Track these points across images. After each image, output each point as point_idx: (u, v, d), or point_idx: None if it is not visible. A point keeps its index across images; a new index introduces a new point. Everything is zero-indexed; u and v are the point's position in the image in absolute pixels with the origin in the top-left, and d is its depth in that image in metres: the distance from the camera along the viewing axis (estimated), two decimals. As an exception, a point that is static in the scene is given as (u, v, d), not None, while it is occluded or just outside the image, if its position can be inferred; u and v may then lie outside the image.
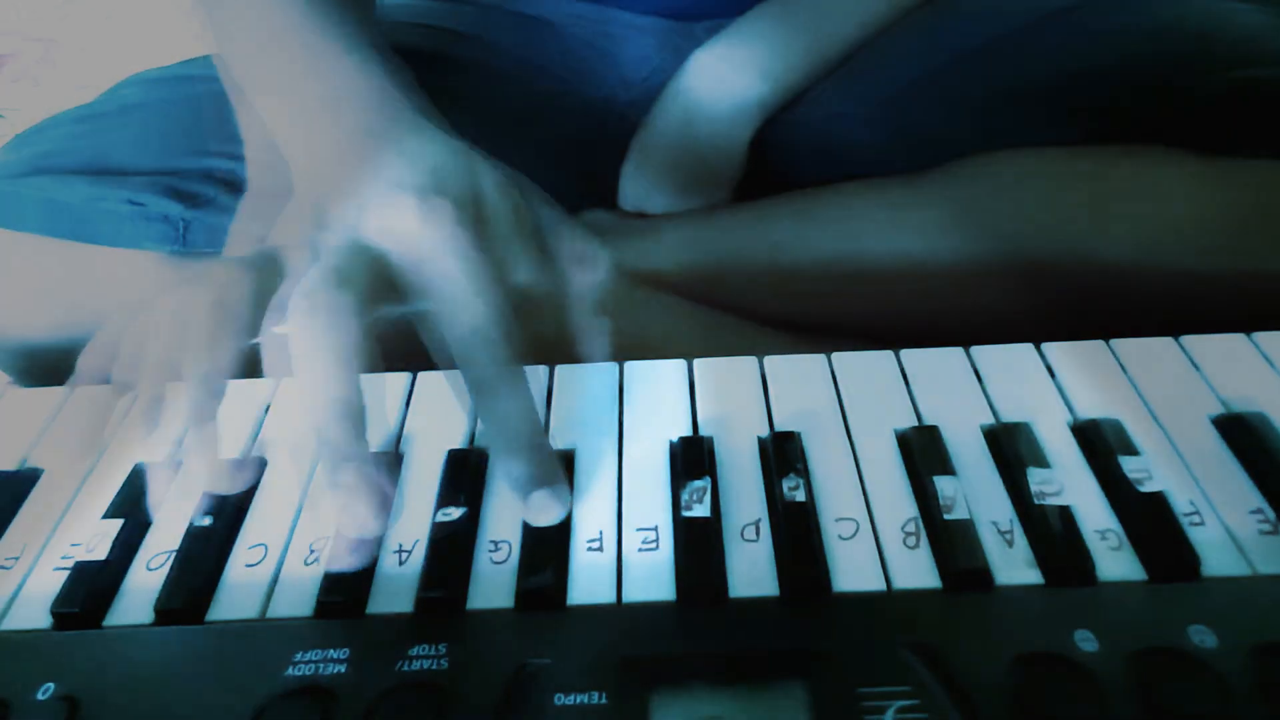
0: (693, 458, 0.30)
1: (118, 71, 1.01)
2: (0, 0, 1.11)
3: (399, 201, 0.30)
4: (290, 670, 0.23)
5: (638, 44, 0.62)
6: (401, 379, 0.34)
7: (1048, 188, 0.49)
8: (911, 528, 0.27)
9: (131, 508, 0.30)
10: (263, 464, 0.31)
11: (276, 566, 0.28)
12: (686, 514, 0.28)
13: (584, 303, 0.34)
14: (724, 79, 0.56)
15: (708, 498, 0.28)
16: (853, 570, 0.26)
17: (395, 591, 0.27)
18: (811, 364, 0.34)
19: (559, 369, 0.34)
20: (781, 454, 0.30)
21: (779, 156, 0.58)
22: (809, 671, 0.23)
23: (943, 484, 0.28)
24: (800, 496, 0.28)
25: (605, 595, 0.26)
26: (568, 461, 0.31)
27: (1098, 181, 0.48)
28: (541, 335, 0.33)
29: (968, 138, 0.52)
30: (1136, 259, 0.45)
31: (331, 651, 0.24)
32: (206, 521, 0.29)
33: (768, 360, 0.34)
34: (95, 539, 0.29)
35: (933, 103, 0.55)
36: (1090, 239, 0.46)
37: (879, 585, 0.26)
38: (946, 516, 0.27)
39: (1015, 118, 0.53)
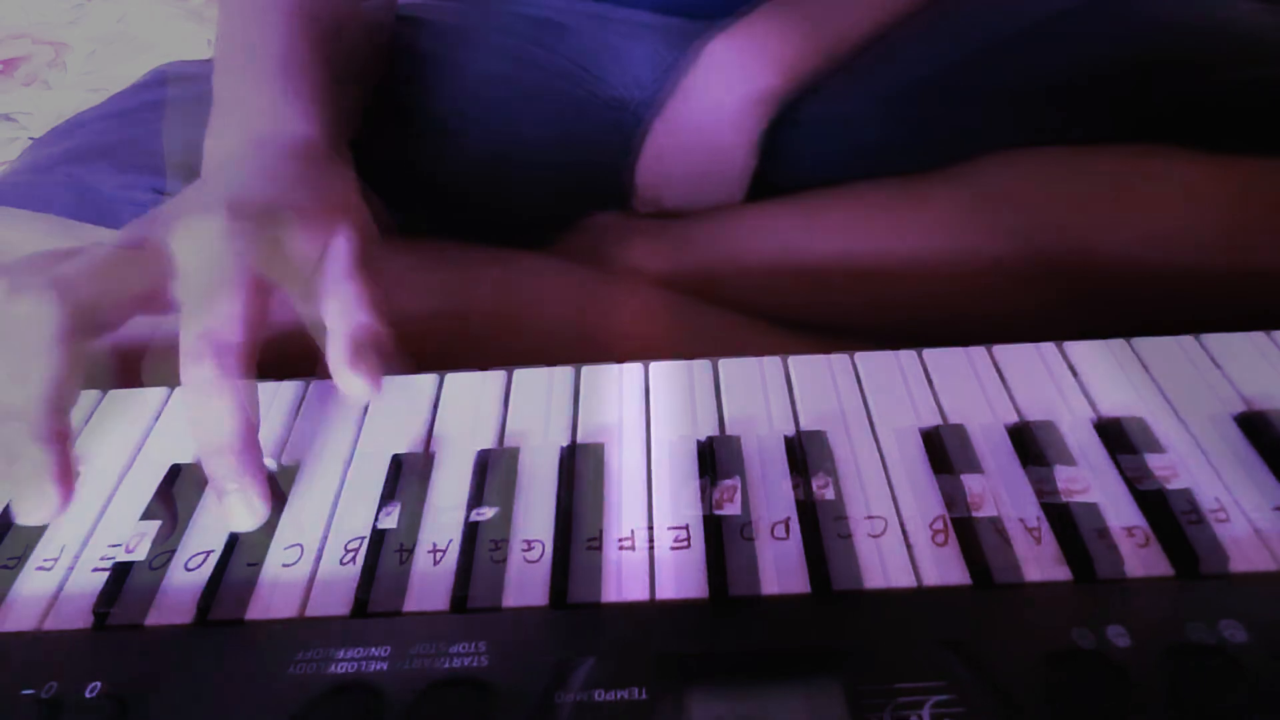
0: (722, 456, 0.30)
1: (128, 75, 1.01)
2: (10, 4, 1.11)
3: (212, 212, 0.31)
4: (333, 668, 0.24)
5: (648, 43, 0.62)
6: (430, 380, 0.35)
7: (1059, 187, 0.49)
8: (940, 525, 0.28)
9: (169, 508, 0.30)
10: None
11: (314, 566, 0.28)
12: (718, 512, 0.28)
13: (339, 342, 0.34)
14: (735, 72, 0.56)
15: (739, 496, 0.29)
16: (883, 567, 0.27)
17: (431, 590, 0.27)
18: (835, 364, 0.34)
19: (585, 370, 0.35)
20: (809, 452, 0.30)
21: (788, 155, 0.58)
22: (844, 668, 0.24)
23: (970, 482, 0.28)
24: (830, 494, 0.28)
25: (638, 592, 0.27)
26: (597, 457, 0.31)
27: (1109, 180, 0.48)
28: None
29: (977, 136, 0.53)
30: (1147, 257, 0.46)
31: (373, 649, 0.24)
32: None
33: (792, 360, 0.35)
34: (134, 539, 0.29)
35: (942, 100, 0.56)
36: (1102, 237, 0.47)
37: (909, 582, 0.26)
38: (975, 514, 0.27)
39: (1025, 116, 0.53)
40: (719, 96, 0.56)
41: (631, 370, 0.35)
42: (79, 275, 0.29)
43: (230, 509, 0.29)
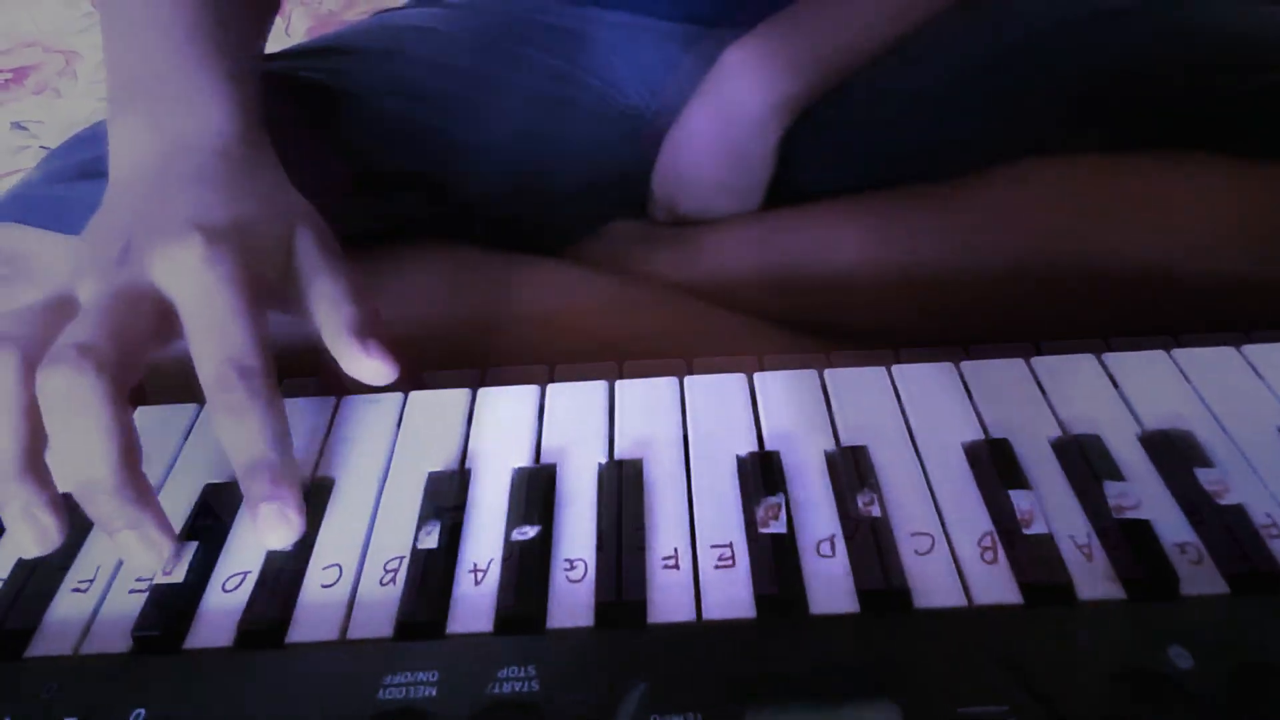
0: (765, 473, 0.30)
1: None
2: (20, 13, 1.11)
3: (188, 241, 0.30)
4: (382, 694, 0.24)
5: (665, 51, 0.62)
6: (462, 396, 0.34)
7: (1080, 195, 0.49)
8: (988, 542, 0.27)
9: (205, 529, 0.30)
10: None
11: (353, 587, 0.28)
12: (763, 530, 0.28)
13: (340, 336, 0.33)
14: (753, 79, 0.56)
15: (783, 514, 0.28)
16: (932, 586, 0.26)
17: (474, 611, 0.27)
18: (871, 376, 0.34)
19: (619, 384, 0.34)
20: (852, 468, 0.30)
21: (806, 161, 0.58)
22: (903, 689, 0.23)
23: (1018, 498, 0.28)
24: (876, 512, 0.28)
25: (685, 613, 0.26)
26: (636, 473, 0.31)
27: (1131, 188, 0.48)
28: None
29: (997, 142, 0.52)
30: (1172, 264, 0.45)
31: (420, 674, 0.24)
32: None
33: (829, 373, 0.34)
34: (171, 561, 0.29)
35: (962, 107, 0.55)
36: (1127, 245, 0.47)
37: (959, 600, 0.26)
38: (1025, 531, 0.27)
39: (1047, 123, 0.53)
40: (737, 104, 0.56)
41: (666, 384, 0.34)
42: (100, 336, 0.28)
43: (267, 526, 0.28)
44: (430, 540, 0.28)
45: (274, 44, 0.52)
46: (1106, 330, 0.38)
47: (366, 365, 0.31)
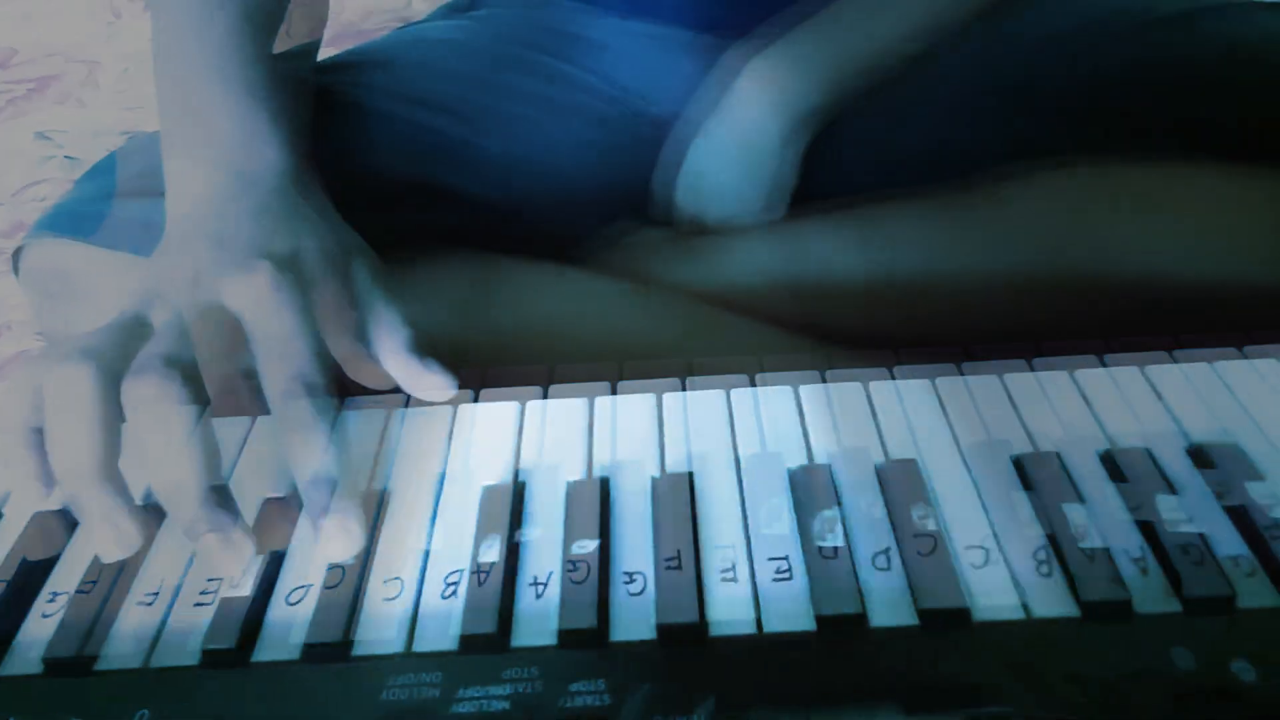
0: (816, 486, 0.30)
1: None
2: (42, 23, 1.12)
3: (257, 268, 0.32)
4: (455, 707, 0.24)
5: (686, 61, 0.62)
6: (511, 408, 0.35)
7: (1106, 201, 0.49)
8: (1043, 555, 0.28)
9: (270, 543, 0.30)
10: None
11: (415, 600, 0.28)
12: (820, 544, 0.28)
13: (401, 359, 0.35)
14: (778, 89, 0.56)
15: (839, 527, 0.29)
16: (989, 599, 0.27)
17: (537, 625, 0.27)
18: (914, 388, 0.34)
19: (666, 396, 0.35)
20: (903, 481, 0.30)
21: (830, 170, 0.58)
22: (970, 704, 0.24)
23: (1072, 511, 0.28)
24: (931, 525, 0.28)
25: (746, 626, 0.27)
26: (688, 484, 0.31)
27: (1145, 193, 0.48)
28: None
29: (1017, 150, 0.53)
30: (1200, 272, 0.46)
31: (491, 688, 0.24)
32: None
33: (874, 385, 0.35)
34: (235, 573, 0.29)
35: (983, 115, 0.56)
36: (1150, 252, 0.47)
37: (1018, 614, 0.26)
38: (1081, 545, 0.27)
39: (1070, 131, 0.53)
40: (761, 114, 0.56)
41: (714, 397, 0.35)
42: (182, 349, 0.30)
43: (329, 539, 0.29)
44: (491, 554, 0.29)
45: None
46: (1107, 332, 0.38)
47: (428, 382, 0.32)
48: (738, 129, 0.57)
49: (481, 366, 0.38)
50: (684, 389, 0.35)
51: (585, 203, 0.60)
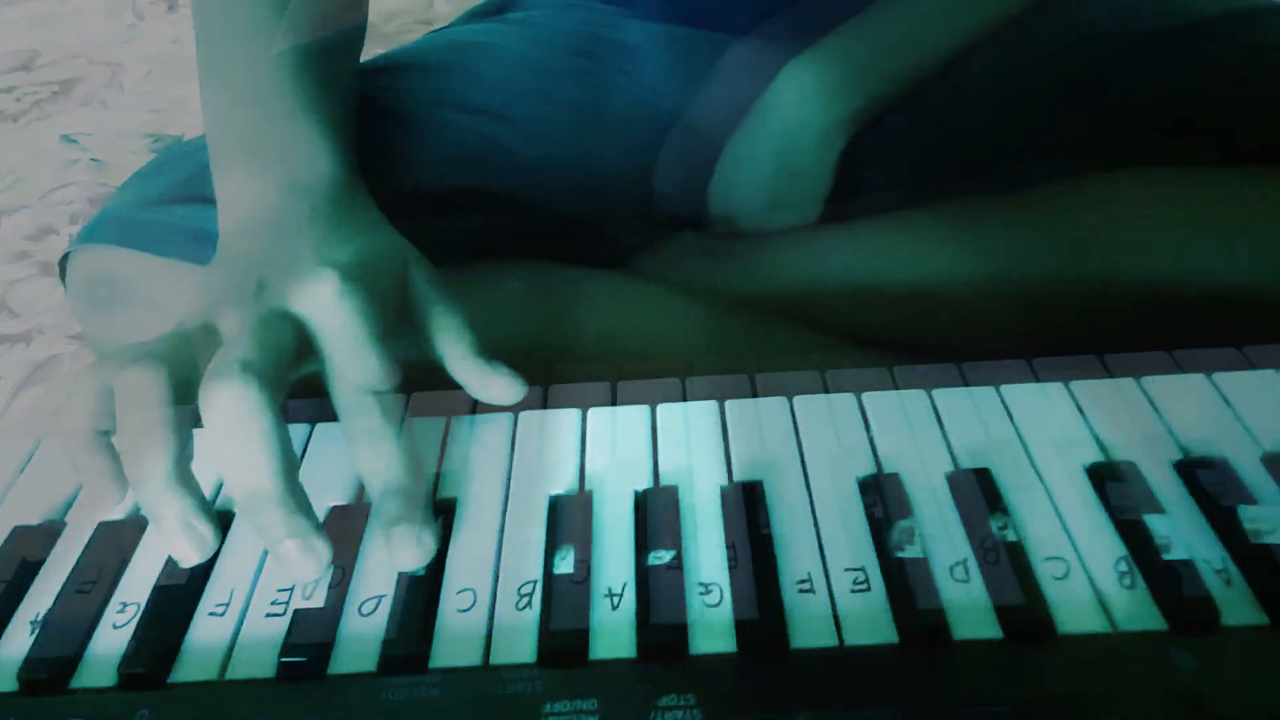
0: (889, 495, 0.30)
1: (186, 95, 1.02)
2: (65, 25, 1.12)
3: (323, 276, 0.32)
4: (543, 722, 0.24)
5: (722, 65, 0.62)
6: (572, 415, 0.35)
7: (1159, 209, 0.49)
8: (1124, 567, 0.28)
9: (337, 552, 0.30)
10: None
11: (489, 611, 0.28)
12: (899, 555, 0.28)
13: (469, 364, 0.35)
14: (814, 93, 0.56)
15: (917, 538, 0.28)
16: (1073, 611, 0.27)
17: (615, 637, 0.27)
18: (983, 396, 0.34)
19: (729, 404, 0.35)
20: (977, 491, 0.30)
21: (867, 171, 0.58)
22: (1064, 717, 0.23)
23: (1155, 522, 0.28)
24: (1012, 536, 0.28)
25: (826, 638, 0.27)
26: (759, 494, 0.31)
27: (1210, 204, 0.48)
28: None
29: (1067, 157, 0.52)
30: (1251, 280, 0.45)
31: (579, 702, 0.24)
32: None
33: (938, 393, 0.34)
34: (308, 583, 0.29)
35: (1028, 121, 0.55)
36: (1203, 261, 0.47)
37: (1103, 626, 0.26)
38: (1165, 556, 0.27)
39: (1116, 138, 0.53)
40: (797, 119, 0.56)
41: (776, 404, 0.34)
42: (257, 354, 0.30)
43: (401, 549, 0.29)
44: (566, 566, 0.29)
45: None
46: (1164, 339, 0.38)
47: (497, 384, 0.32)
48: (774, 132, 0.57)
49: (540, 373, 0.38)
50: (755, 394, 0.35)
51: (621, 207, 0.60)
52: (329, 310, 0.32)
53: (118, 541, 0.31)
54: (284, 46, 0.44)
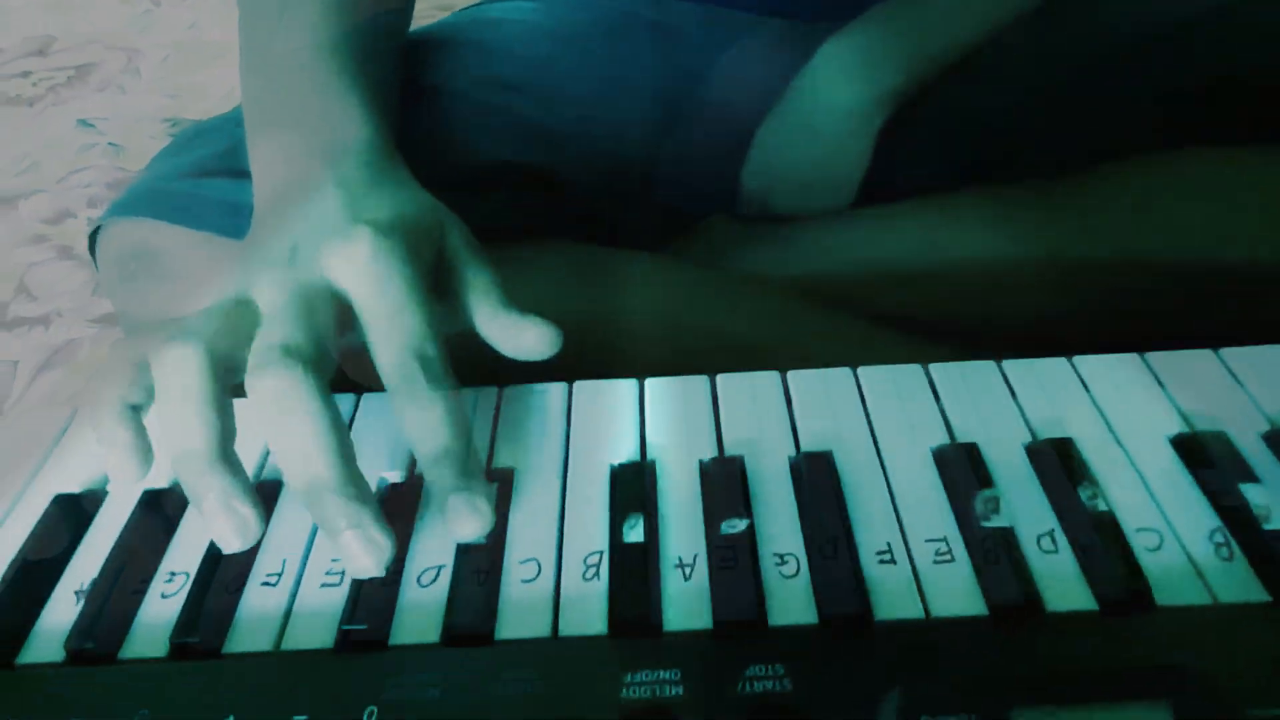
0: (967, 465, 0.29)
1: (203, 81, 1.01)
2: (80, 11, 1.11)
3: (356, 235, 0.31)
4: (624, 692, 0.23)
5: (759, 45, 0.61)
6: (629, 385, 0.34)
7: (1215, 188, 0.48)
8: (1220, 538, 0.26)
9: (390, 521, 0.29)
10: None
11: (554, 582, 0.27)
12: (985, 524, 0.27)
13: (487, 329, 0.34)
14: (852, 72, 0.55)
15: (1004, 507, 0.27)
16: (1169, 583, 0.25)
17: (688, 607, 0.26)
18: (1053, 368, 0.33)
19: (790, 375, 0.33)
20: (1059, 462, 0.29)
21: (903, 154, 0.57)
22: (1170, 690, 0.22)
23: (1251, 492, 0.27)
24: (1102, 505, 0.27)
25: (911, 609, 0.25)
26: (830, 464, 0.30)
27: (1265, 183, 0.47)
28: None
29: (1106, 139, 0.51)
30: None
31: (662, 672, 0.23)
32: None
33: (1009, 365, 0.33)
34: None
35: (1070, 102, 0.54)
36: (1261, 241, 0.46)
37: (1203, 598, 0.25)
38: (1266, 527, 0.26)
39: (1165, 118, 0.52)
40: (834, 97, 0.55)
41: (841, 375, 0.33)
42: (298, 335, 0.28)
43: (457, 518, 0.27)
44: (635, 535, 0.27)
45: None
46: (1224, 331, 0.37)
47: (529, 334, 0.31)
48: (809, 112, 0.56)
49: (597, 364, 0.37)
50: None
51: (657, 188, 0.59)
52: (364, 269, 0.30)
53: (165, 509, 0.30)
54: (327, 18, 0.43)
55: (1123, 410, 0.31)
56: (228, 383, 0.29)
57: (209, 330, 0.29)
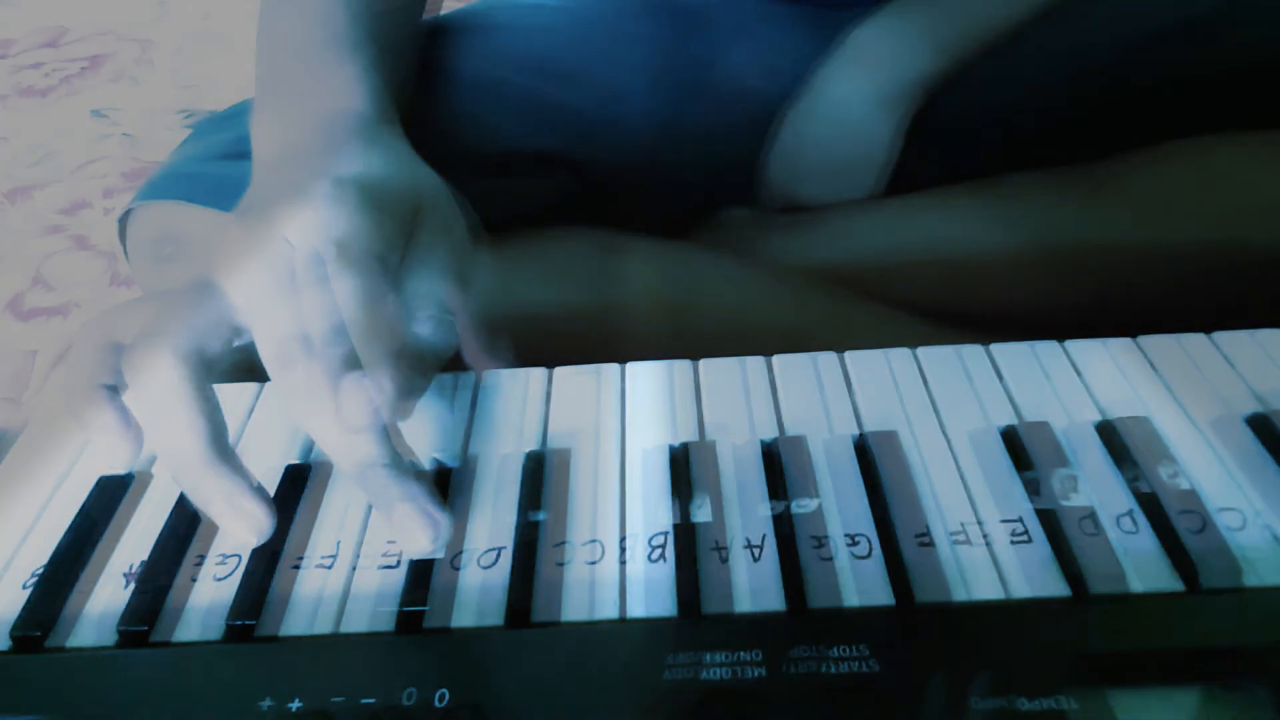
0: (1039, 445, 0.28)
1: (217, 72, 1.00)
2: (93, 2, 1.10)
3: (316, 190, 0.29)
4: (705, 674, 0.22)
5: (787, 32, 0.60)
6: (685, 366, 0.33)
7: (1246, 174, 0.47)
8: (1305, 517, 0.26)
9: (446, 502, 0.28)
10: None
11: (619, 563, 0.26)
12: (1064, 503, 0.26)
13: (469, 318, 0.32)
14: (881, 59, 0.54)
15: (1082, 486, 0.26)
16: (1258, 563, 0.25)
17: (761, 588, 0.25)
18: (1119, 348, 0.32)
19: (849, 356, 0.33)
20: (1135, 441, 0.28)
21: (931, 145, 0.56)
22: (1270, 671, 0.21)
23: (1338, 470, 0.26)
24: (1184, 484, 0.26)
25: (989, 590, 0.25)
26: (894, 444, 0.29)
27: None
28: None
29: (1137, 128, 0.51)
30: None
31: (742, 654, 0.22)
32: (541, 516, 0.27)
33: (1070, 345, 0.32)
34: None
35: (1097, 90, 0.53)
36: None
37: (1290, 579, 0.24)
38: (1356, 504, 0.25)
39: (1191, 107, 0.51)
40: (862, 85, 0.54)
41: (899, 355, 0.33)
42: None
43: (401, 529, 0.26)
44: (703, 514, 0.27)
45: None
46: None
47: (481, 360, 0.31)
48: (836, 101, 0.55)
49: (617, 349, 0.36)
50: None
51: (682, 176, 0.58)
52: (318, 234, 0.28)
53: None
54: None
55: (1194, 389, 0.30)
56: (207, 376, 0.27)
57: (178, 323, 0.27)
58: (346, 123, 0.36)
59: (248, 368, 0.30)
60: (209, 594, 0.27)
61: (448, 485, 0.29)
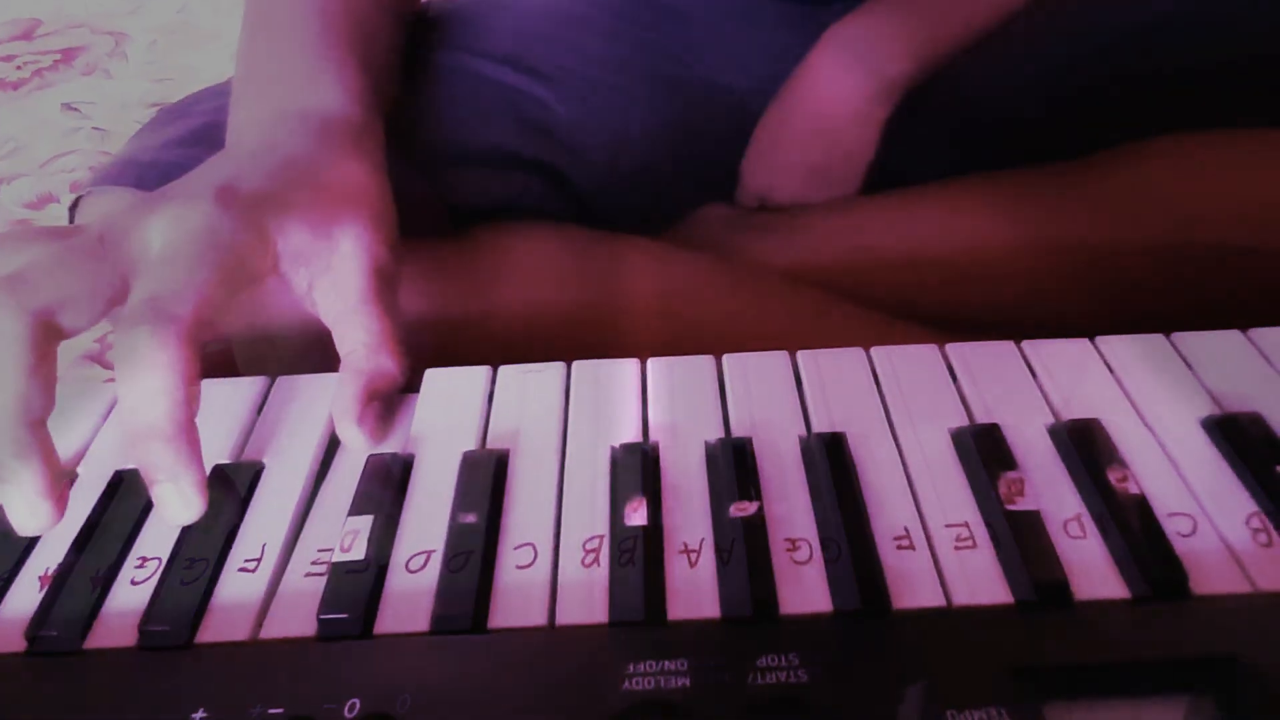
0: (992, 448, 0.27)
1: (191, 65, 0.99)
2: (66, -6, 1.09)
3: (199, 198, 0.29)
4: (626, 684, 0.21)
5: (765, 30, 0.59)
6: (631, 365, 0.32)
7: (1225, 171, 0.47)
8: (1257, 523, 0.25)
9: (380, 502, 0.27)
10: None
11: (551, 568, 0.25)
12: (1009, 508, 0.25)
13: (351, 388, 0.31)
14: (859, 57, 0.53)
15: (1028, 489, 0.26)
16: (1206, 569, 0.24)
17: (696, 595, 0.24)
18: (1077, 350, 0.31)
19: (801, 354, 0.32)
20: (1087, 444, 0.27)
21: (912, 141, 0.56)
22: (1212, 681, 0.21)
23: (1291, 475, 0.25)
24: (1135, 489, 0.25)
25: (931, 598, 0.24)
26: (843, 446, 0.28)
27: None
28: None
29: (1113, 124, 0.50)
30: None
31: (667, 663, 0.21)
32: (470, 519, 0.26)
33: (1028, 345, 0.32)
34: (347, 537, 0.26)
35: (1076, 87, 0.53)
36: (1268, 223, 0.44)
37: (1242, 585, 0.23)
38: (1314, 511, 0.24)
39: (1179, 100, 0.51)
40: (840, 83, 0.53)
41: (852, 355, 0.32)
42: (39, 279, 0.26)
43: (162, 501, 0.26)
44: (639, 517, 0.26)
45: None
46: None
47: (352, 432, 0.30)
48: (815, 99, 0.54)
49: (588, 346, 0.35)
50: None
51: (661, 173, 0.57)
52: (172, 226, 0.28)
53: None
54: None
55: (1150, 392, 0.29)
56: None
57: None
58: (305, 122, 0.35)
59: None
60: (128, 598, 0.26)
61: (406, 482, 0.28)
